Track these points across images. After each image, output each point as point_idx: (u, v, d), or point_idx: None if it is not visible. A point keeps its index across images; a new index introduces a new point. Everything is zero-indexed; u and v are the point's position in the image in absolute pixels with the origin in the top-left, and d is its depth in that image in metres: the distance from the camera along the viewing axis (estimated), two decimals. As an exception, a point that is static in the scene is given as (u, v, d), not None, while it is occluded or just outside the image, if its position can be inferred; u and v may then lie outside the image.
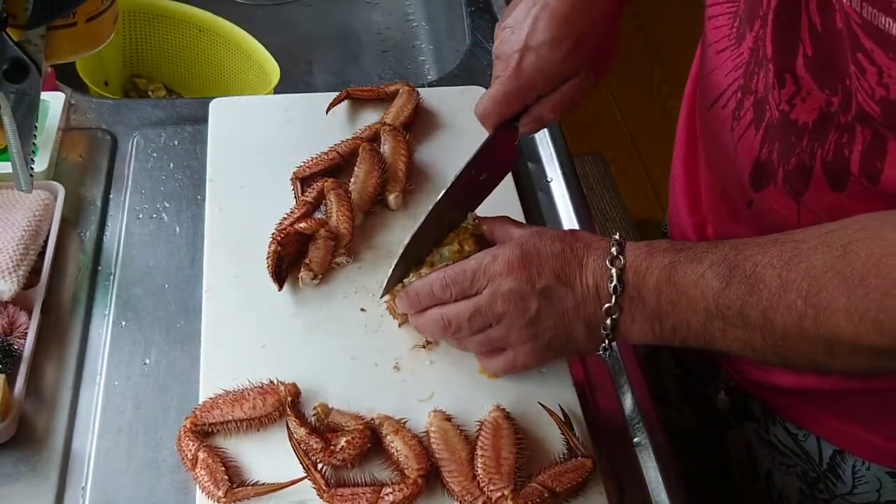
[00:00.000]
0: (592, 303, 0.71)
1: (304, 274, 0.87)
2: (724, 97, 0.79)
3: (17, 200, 0.91)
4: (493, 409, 0.78)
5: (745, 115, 0.76)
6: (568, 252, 0.72)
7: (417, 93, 1.05)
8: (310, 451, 0.74)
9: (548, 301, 0.72)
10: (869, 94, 0.64)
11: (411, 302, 0.79)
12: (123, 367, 0.83)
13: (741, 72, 0.76)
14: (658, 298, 0.69)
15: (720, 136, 0.81)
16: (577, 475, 0.74)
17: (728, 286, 0.65)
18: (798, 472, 0.92)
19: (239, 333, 0.84)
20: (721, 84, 0.79)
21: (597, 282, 0.71)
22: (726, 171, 0.83)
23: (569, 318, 0.73)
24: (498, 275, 0.73)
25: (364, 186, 0.94)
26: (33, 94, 0.79)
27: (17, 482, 0.75)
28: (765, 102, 0.73)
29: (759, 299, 0.64)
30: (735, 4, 0.77)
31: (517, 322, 0.73)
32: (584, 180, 2.42)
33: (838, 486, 0.89)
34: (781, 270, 0.63)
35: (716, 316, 0.66)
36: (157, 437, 0.78)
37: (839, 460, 0.87)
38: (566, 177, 1.04)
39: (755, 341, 0.66)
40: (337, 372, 0.82)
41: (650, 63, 2.96)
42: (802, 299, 0.62)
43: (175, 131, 1.05)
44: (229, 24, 1.32)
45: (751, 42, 0.74)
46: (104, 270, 0.91)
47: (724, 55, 0.78)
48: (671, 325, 0.69)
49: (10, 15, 0.77)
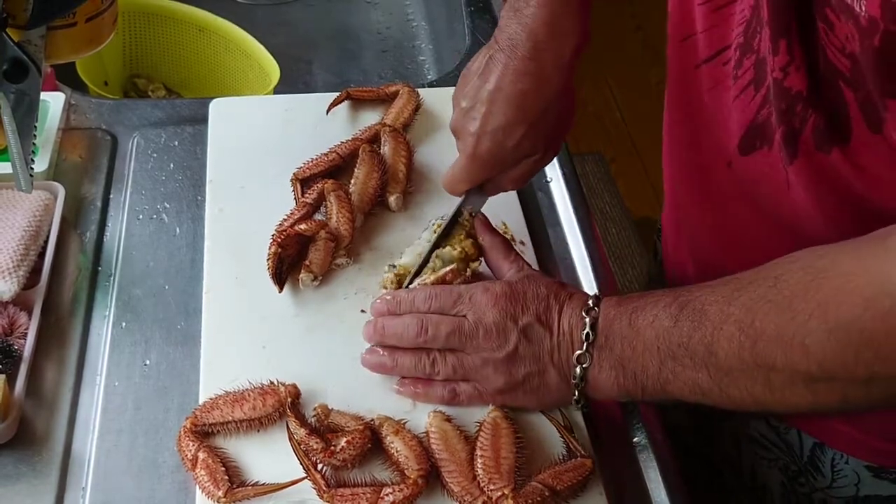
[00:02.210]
0: (566, 349, 0.74)
1: (305, 275, 0.87)
2: (726, 53, 0.78)
3: (17, 201, 0.91)
4: (492, 409, 0.78)
5: (744, 74, 0.76)
6: (552, 298, 0.76)
7: (418, 93, 1.05)
8: (310, 452, 0.74)
9: (527, 340, 0.74)
10: (839, 48, 0.64)
11: (388, 306, 0.80)
12: (124, 368, 0.83)
13: (742, 28, 0.75)
14: (622, 344, 0.71)
15: (709, 94, 0.80)
16: (577, 474, 0.74)
17: (676, 323, 0.67)
18: (780, 466, 0.92)
19: (239, 334, 0.84)
20: (724, 39, 0.78)
21: (572, 328, 0.74)
22: (706, 132, 0.82)
23: (544, 360, 0.75)
24: (483, 304, 0.76)
25: (364, 188, 0.94)
26: (33, 94, 0.79)
27: (17, 482, 0.75)
28: (765, 63, 0.73)
29: (703, 334, 0.66)
30: None
31: (494, 355, 0.75)
32: (584, 180, 2.42)
33: (818, 480, 0.89)
34: (723, 305, 0.65)
35: (667, 356, 0.68)
36: (158, 437, 0.78)
37: (819, 453, 0.88)
38: (566, 177, 1.04)
39: (703, 382, 0.67)
40: (337, 373, 0.82)
41: (650, 63, 2.96)
42: (740, 330, 0.64)
43: (175, 131, 1.05)
44: (229, 24, 1.32)
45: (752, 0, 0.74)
46: (104, 271, 0.91)
47: (724, 11, 0.77)
48: (632, 372, 0.71)
49: (10, 15, 0.77)
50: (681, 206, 0.96)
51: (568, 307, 0.75)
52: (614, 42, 3.10)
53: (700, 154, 0.85)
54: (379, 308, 0.81)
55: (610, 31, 3.15)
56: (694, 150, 0.87)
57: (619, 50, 3.06)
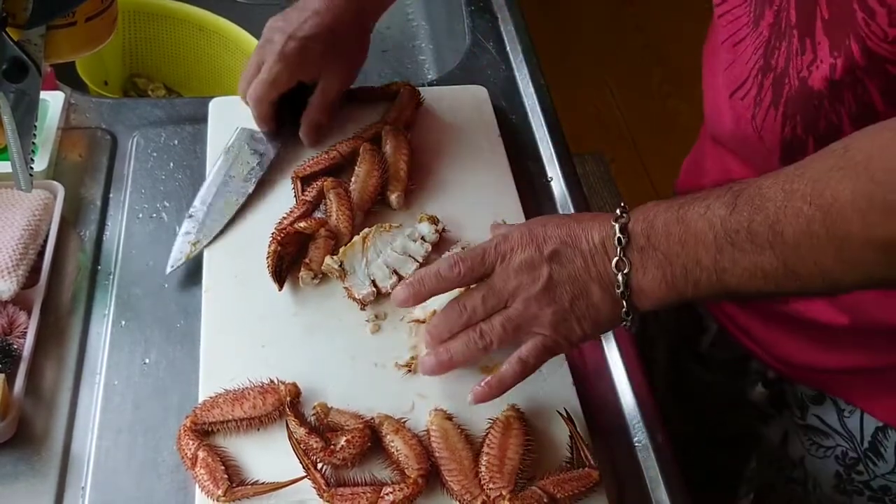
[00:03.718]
0: (601, 260, 0.71)
1: (304, 273, 0.87)
2: (744, 87, 0.80)
3: (17, 200, 0.90)
4: (507, 407, 0.78)
5: (764, 96, 0.77)
6: (573, 223, 0.74)
7: (419, 93, 1.05)
8: (309, 451, 0.74)
9: (558, 264, 0.72)
10: (881, 37, 0.64)
11: (414, 288, 0.77)
12: (123, 367, 0.83)
13: (761, 52, 0.77)
14: (668, 240, 0.69)
15: (740, 126, 0.82)
16: (580, 484, 0.74)
17: (734, 210, 0.65)
18: (838, 454, 0.92)
19: (239, 333, 0.84)
20: (740, 75, 0.80)
21: (603, 239, 0.72)
22: (753, 163, 0.84)
23: (582, 278, 0.72)
24: (508, 251, 0.74)
25: (364, 186, 0.94)
26: (33, 94, 0.79)
27: (16, 482, 0.75)
28: (784, 76, 0.74)
29: (765, 216, 0.64)
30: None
31: (532, 291, 0.73)
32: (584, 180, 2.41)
33: (879, 466, 0.90)
34: (785, 184, 0.63)
35: (725, 243, 0.66)
36: (157, 436, 0.78)
37: (881, 437, 0.88)
38: (566, 177, 1.04)
39: (766, 264, 0.65)
40: (337, 371, 0.82)
41: (650, 63, 2.96)
42: (808, 203, 0.62)
43: (175, 131, 1.05)
44: (229, 24, 1.32)
45: (771, 18, 0.75)
46: (104, 270, 0.91)
47: (743, 45, 0.79)
48: (682, 267, 0.68)
49: (9, 15, 0.77)
50: None
51: (593, 223, 0.73)
52: (614, 42, 3.10)
53: None
54: (403, 295, 0.78)
55: (610, 31, 3.15)
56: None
57: (619, 50, 3.06)
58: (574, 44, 3.05)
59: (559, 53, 2.95)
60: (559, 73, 2.75)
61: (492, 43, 1.21)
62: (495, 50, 1.19)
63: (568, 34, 3.06)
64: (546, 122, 1.10)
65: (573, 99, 2.87)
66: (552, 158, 1.06)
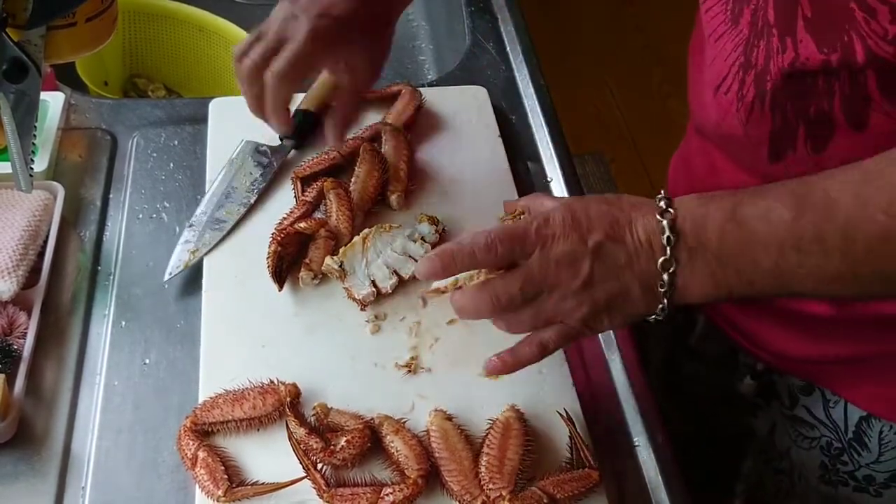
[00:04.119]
0: (646, 258, 0.68)
1: (305, 274, 0.87)
2: (725, 82, 0.80)
3: (17, 200, 0.91)
4: (507, 408, 0.78)
5: (747, 92, 0.77)
6: (615, 210, 0.70)
7: (420, 93, 1.05)
8: (309, 451, 0.74)
9: (600, 261, 0.69)
10: (881, 35, 0.65)
11: (444, 264, 0.70)
12: (123, 367, 0.83)
13: (741, 49, 0.77)
14: (721, 241, 0.66)
15: (725, 119, 0.82)
16: (580, 485, 0.74)
17: (799, 216, 0.64)
18: (822, 444, 0.93)
19: (239, 333, 0.84)
20: (722, 70, 0.80)
21: (649, 237, 0.68)
22: (739, 157, 0.84)
23: (624, 277, 0.69)
24: (551, 237, 0.69)
25: (364, 186, 0.94)
26: (33, 94, 0.80)
27: (16, 482, 0.75)
28: (766, 73, 0.74)
29: (836, 225, 0.63)
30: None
31: (571, 287, 0.69)
32: (584, 180, 2.41)
33: (864, 456, 0.90)
34: (856, 189, 0.62)
35: (790, 248, 0.64)
36: (157, 436, 0.78)
37: (865, 427, 0.89)
38: (566, 177, 1.04)
39: (832, 269, 0.64)
40: (337, 372, 0.82)
41: (650, 63, 2.96)
42: (883, 212, 0.61)
43: (175, 131, 1.05)
44: (229, 24, 1.32)
45: (749, 16, 0.76)
46: (104, 270, 0.91)
47: (723, 39, 0.79)
48: (735, 269, 0.67)
49: (10, 15, 0.77)
50: None
51: (637, 215, 0.69)
52: (614, 42, 3.10)
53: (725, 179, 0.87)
54: (430, 268, 0.70)
55: (610, 31, 3.15)
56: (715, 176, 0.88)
57: (619, 50, 3.06)
58: (574, 44, 3.05)
59: (559, 53, 2.95)
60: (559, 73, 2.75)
61: (492, 43, 1.21)
62: (495, 50, 1.19)
63: (568, 34, 3.06)
64: (546, 122, 1.10)
65: (573, 99, 2.87)
66: (552, 159, 1.06)
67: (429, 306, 0.87)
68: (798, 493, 0.98)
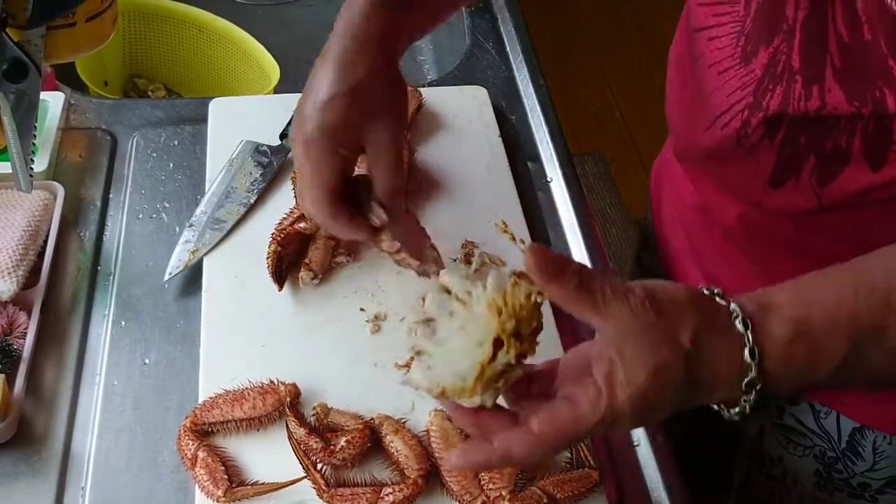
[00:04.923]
0: (721, 391, 0.59)
1: (304, 274, 0.87)
2: (724, 117, 0.77)
3: (17, 200, 0.91)
4: None
5: (753, 133, 0.75)
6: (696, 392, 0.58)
7: (420, 93, 1.05)
8: (309, 451, 0.74)
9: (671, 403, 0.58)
10: None
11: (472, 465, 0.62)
12: (123, 367, 0.83)
13: (750, 90, 0.75)
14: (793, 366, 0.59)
15: (720, 152, 0.80)
16: (580, 485, 0.74)
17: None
18: (816, 454, 0.92)
19: (239, 333, 0.84)
20: (721, 104, 0.77)
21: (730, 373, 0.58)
22: (724, 179, 0.82)
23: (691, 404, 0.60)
24: (616, 421, 0.56)
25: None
26: (33, 94, 0.80)
27: (16, 482, 0.75)
28: (781, 117, 0.72)
29: None
30: (737, 24, 0.76)
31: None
32: (584, 180, 2.42)
33: (858, 464, 0.89)
34: None
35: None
36: (157, 436, 0.78)
37: (859, 437, 0.88)
38: (566, 177, 1.04)
39: None
40: (337, 372, 0.82)
41: (650, 63, 2.96)
42: None
43: (175, 131, 1.05)
44: (229, 24, 1.32)
45: (766, 58, 0.73)
46: (104, 270, 0.91)
47: (729, 74, 0.77)
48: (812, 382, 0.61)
49: (9, 15, 0.77)
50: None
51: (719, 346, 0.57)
52: (614, 42, 3.10)
53: (714, 211, 0.85)
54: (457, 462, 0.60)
55: (610, 31, 3.15)
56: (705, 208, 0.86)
57: (619, 50, 3.06)
58: (574, 44, 3.06)
59: (559, 53, 2.95)
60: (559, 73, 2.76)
61: (492, 43, 1.21)
62: (495, 50, 1.19)
63: (568, 34, 3.06)
64: (546, 122, 1.10)
65: (573, 99, 2.88)
66: (552, 158, 1.06)
67: (429, 306, 0.87)
68: (793, 499, 0.97)
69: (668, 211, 1.01)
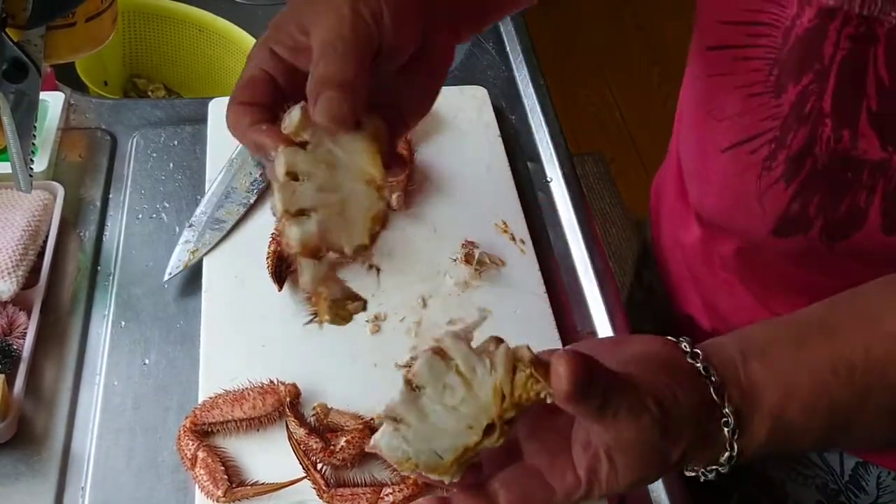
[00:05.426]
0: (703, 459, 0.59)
1: (304, 274, 0.87)
2: (753, 142, 0.74)
3: (17, 201, 0.91)
4: None
5: (776, 167, 0.73)
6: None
7: (418, 93, 1.05)
8: (309, 451, 0.74)
9: None
10: None
11: None
12: (123, 368, 0.83)
13: (777, 124, 0.72)
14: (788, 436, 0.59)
15: (740, 177, 0.77)
16: None
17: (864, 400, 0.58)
18: (818, 484, 0.90)
19: (239, 333, 0.84)
20: (750, 127, 0.74)
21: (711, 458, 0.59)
22: (730, 214, 0.80)
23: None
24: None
25: (364, 186, 0.94)
26: (33, 94, 0.79)
27: (16, 482, 0.75)
28: (804, 158, 0.70)
29: None
30: (773, 51, 0.70)
31: None
32: (584, 180, 2.42)
33: (861, 498, 0.88)
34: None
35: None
36: (157, 437, 0.78)
37: (862, 472, 0.86)
38: (566, 177, 1.04)
39: None
40: (337, 372, 0.82)
41: (650, 63, 2.96)
42: None
43: (175, 131, 1.05)
44: (229, 24, 1.32)
45: (794, 96, 0.69)
46: (104, 270, 0.91)
47: (760, 100, 0.72)
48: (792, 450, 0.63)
49: (9, 15, 0.77)
50: None
51: (701, 455, 0.57)
52: (614, 42, 3.10)
53: (713, 242, 0.84)
54: None
55: (610, 31, 3.15)
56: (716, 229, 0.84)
57: (619, 50, 3.06)
58: (574, 44, 3.06)
59: (559, 53, 2.95)
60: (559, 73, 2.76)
61: (492, 43, 1.21)
62: (495, 50, 1.19)
63: (568, 34, 3.06)
64: (546, 122, 1.10)
65: (573, 99, 2.88)
66: (552, 158, 1.06)
67: (429, 306, 0.87)
68: None
69: (668, 233, 0.99)
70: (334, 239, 0.55)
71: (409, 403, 0.54)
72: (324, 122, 0.54)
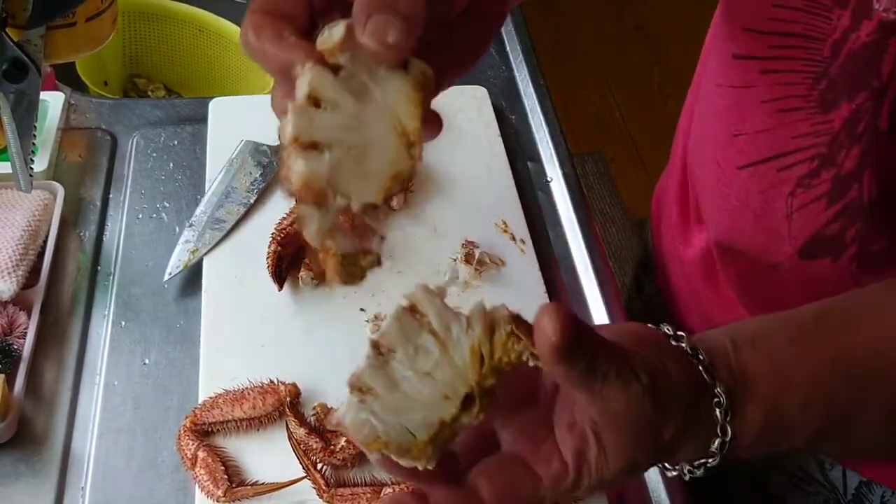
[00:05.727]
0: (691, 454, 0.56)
1: (305, 274, 0.87)
2: (786, 158, 0.70)
3: (17, 200, 0.91)
4: None
5: (818, 185, 0.69)
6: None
7: (418, 93, 1.05)
8: (309, 451, 0.74)
9: None
10: None
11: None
12: (123, 367, 0.83)
13: (824, 140, 0.67)
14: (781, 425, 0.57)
15: (763, 195, 0.74)
16: None
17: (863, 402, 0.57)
18: (820, 502, 0.89)
19: (239, 333, 0.84)
20: (782, 144, 0.70)
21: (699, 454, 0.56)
22: (746, 233, 0.77)
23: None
24: (572, 494, 0.52)
25: (364, 186, 0.94)
26: (33, 94, 0.80)
27: (16, 482, 0.75)
28: (852, 180, 0.67)
29: None
30: (820, 66, 0.66)
31: None
32: (584, 180, 2.42)
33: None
34: None
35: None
36: (157, 436, 0.78)
37: (866, 491, 0.85)
38: (566, 177, 1.04)
39: None
40: (337, 372, 0.81)
41: (650, 63, 2.96)
42: None
43: (175, 131, 1.05)
44: (229, 24, 1.32)
45: (847, 113, 0.65)
46: (104, 270, 0.91)
47: (795, 116, 0.69)
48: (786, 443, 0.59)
49: (9, 15, 0.77)
50: None
51: (693, 438, 0.54)
52: (614, 42, 3.10)
53: (740, 254, 0.79)
54: None
55: (610, 31, 3.15)
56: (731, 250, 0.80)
57: (619, 50, 3.06)
58: (574, 44, 3.06)
59: (559, 53, 2.95)
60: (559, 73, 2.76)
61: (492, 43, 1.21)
62: (495, 50, 1.19)
63: (568, 34, 3.06)
64: (546, 122, 1.10)
65: (573, 99, 2.88)
66: (552, 158, 1.06)
67: (429, 306, 0.87)
68: None
69: (668, 245, 0.97)
70: (343, 187, 0.46)
71: (377, 370, 0.46)
72: (373, 46, 0.44)
